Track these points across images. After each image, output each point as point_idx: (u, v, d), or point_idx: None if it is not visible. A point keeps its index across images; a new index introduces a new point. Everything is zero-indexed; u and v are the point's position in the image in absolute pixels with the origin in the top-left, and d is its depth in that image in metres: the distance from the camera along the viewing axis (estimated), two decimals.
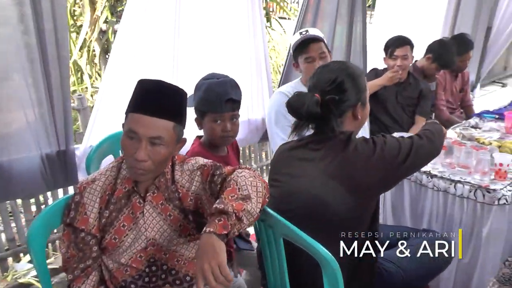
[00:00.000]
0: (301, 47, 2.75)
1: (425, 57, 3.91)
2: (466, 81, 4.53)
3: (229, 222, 1.41)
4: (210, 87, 2.08)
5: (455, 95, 4.42)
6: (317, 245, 1.58)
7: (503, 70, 9.54)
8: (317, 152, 1.81)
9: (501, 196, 2.25)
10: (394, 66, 3.44)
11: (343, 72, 1.82)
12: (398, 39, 3.50)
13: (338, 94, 1.78)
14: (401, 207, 2.59)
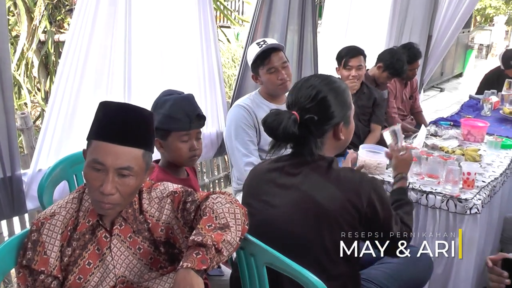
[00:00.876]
0: (262, 58, 2.66)
1: (376, 66, 3.94)
2: (415, 88, 4.62)
3: (208, 256, 1.31)
4: (177, 103, 1.94)
5: (405, 103, 4.49)
6: (305, 272, 1.49)
7: (440, 76, 9.92)
8: (295, 178, 1.67)
9: (473, 205, 2.26)
10: (349, 76, 3.43)
11: (325, 87, 1.68)
12: (351, 49, 3.49)
13: (320, 112, 1.64)
14: None
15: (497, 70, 5.14)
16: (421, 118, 4.62)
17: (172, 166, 2.03)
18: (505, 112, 3.97)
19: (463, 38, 11.20)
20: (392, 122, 4.13)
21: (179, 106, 1.95)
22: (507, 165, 2.81)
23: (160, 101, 1.97)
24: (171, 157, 2.01)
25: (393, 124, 4.02)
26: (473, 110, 4.18)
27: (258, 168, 1.86)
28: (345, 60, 3.44)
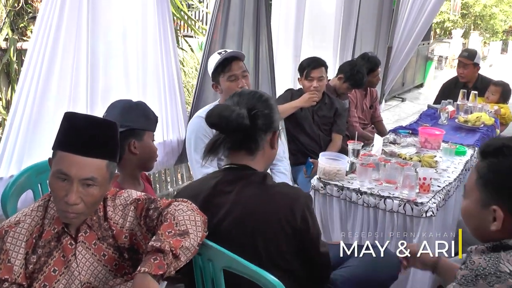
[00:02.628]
0: (222, 67, 2.71)
1: (337, 77, 4.05)
2: (375, 98, 4.75)
3: (165, 261, 1.35)
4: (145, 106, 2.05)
5: (366, 112, 4.61)
6: (264, 273, 1.54)
7: (402, 86, 10.16)
8: (230, 195, 1.71)
9: (428, 208, 2.36)
10: (310, 87, 3.51)
11: (266, 94, 1.82)
12: (313, 61, 3.58)
13: (265, 109, 1.73)
14: (331, 224, 2.61)
15: (453, 80, 5.33)
16: (381, 127, 4.75)
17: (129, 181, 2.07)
18: (460, 120, 4.13)
19: (423, 50, 11.52)
20: (353, 131, 4.24)
21: (148, 109, 2.06)
22: (461, 170, 2.93)
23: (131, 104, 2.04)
24: (144, 159, 2.06)
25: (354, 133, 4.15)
26: (431, 119, 4.32)
27: (190, 188, 1.89)
28: (307, 72, 3.53)
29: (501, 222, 1.31)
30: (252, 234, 1.65)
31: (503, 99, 4.82)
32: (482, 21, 19.89)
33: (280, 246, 1.66)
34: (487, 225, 1.34)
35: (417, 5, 6.24)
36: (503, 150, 1.33)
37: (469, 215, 1.42)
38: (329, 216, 2.60)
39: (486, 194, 1.34)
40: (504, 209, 1.31)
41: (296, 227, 1.64)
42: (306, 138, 3.61)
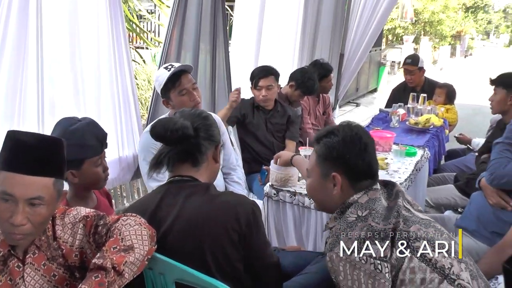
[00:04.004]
0: (172, 81, 2.67)
1: (289, 85, 4.09)
2: (328, 104, 4.82)
3: (106, 279, 1.33)
4: (86, 130, 1.96)
5: (319, 118, 4.67)
6: (216, 282, 1.56)
7: (356, 91, 10.37)
8: (175, 207, 1.72)
9: None
10: (259, 96, 3.55)
11: (204, 112, 1.91)
12: (262, 70, 3.62)
13: (207, 123, 1.82)
14: (285, 230, 2.62)
15: (402, 84, 5.48)
16: None
17: (79, 198, 2.03)
18: (410, 123, 4.24)
19: (375, 56, 11.81)
20: (308, 137, 4.28)
21: (90, 133, 1.97)
22: (411, 171, 2.99)
23: (66, 132, 1.94)
24: (87, 184, 2.02)
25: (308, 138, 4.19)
26: (382, 122, 4.42)
27: (139, 203, 1.89)
28: (256, 81, 3.57)
29: (340, 184, 1.65)
30: (198, 245, 1.65)
31: (449, 100, 4.99)
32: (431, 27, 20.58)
33: (228, 254, 1.66)
34: (330, 193, 1.67)
35: (366, 14, 6.39)
36: (334, 132, 1.68)
37: (314, 189, 1.76)
38: (283, 222, 2.60)
39: (325, 167, 1.67)
40: (340, 173, 1.64)
41: (241, 233, 1.66)
42: (260, 146, 3.63)
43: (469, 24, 30.16)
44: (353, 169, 1.64)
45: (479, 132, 5.32)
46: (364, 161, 1.65)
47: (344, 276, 1.44)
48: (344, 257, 1.44)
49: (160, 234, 1.66)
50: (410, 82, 5.22)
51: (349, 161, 1.64)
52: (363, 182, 1.65)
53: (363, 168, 1.65)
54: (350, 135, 1.66)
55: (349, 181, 1.65)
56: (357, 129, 1.70)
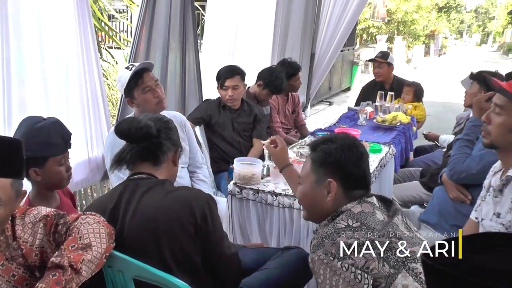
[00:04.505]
0: (135, 80, 2.69)
1: (257, 84, 4.12)
2: (297, 103, 4.86)
3: (64, 277, 1.35)
4: (51, 129, 1.98)
5: (288, 117, 4.72)
6: (172, 278, 1.59)
7: (329, 90, 10.45)
8: (132, 204, 1.75)
9: None
10: (226, 96, 3.58)
11: (165, 117, 1.97)
12: (228, 70, 3.65)
13: (169, 126, 1.89)
14: (249, 227, 2.64)
15: (371, 83, 5.56)
16: (304, 131, 4.86)
17: (42, 197, 2.04)
18: (378, 120, 4.31)
19: (348, 55, 11.92)
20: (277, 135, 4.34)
21: (55, 131, 1.99)
22: (375, 167, 3.04)
23: (32, 129, 1.96)
24: (50, 183, 2.03)
25: None
26: (350, 121, 4.48)
27: (99, 201, 1.91)
28: (222, 81, 3.60)
29: (335, 191, 1.63)
30: (156, 240, 1.68)
31: (417, 98, 5.08)
32: (404, 27, 20.83)
33: (185, 247, 1.69)
34: (323, 200, 1.65)
35: (336, 14, 6.49)
36: (331, 139, 1.70)
37: (306, 196, 1.73)
38: (247, 220, 2.63)
39: (320, 173, 1.66)
40: (336, 179, 1.63)
41: (197, 226, 1.68)
42: (227, 145, 3.66)
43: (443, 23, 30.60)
44: (349, 177, 1.63)
45: (449, 128, 5.42)
46: (359, 169, 1.64)
47: (323, 279, 1.44)
48: (326, 261, 1.43)
49: (118, 232, 1.68)
50: (378, 76, 5.32)
51: (345, 168, 1.63)
52: (357, 191, 1.64)
53: (358, 176, 1.65)
54: (347, 142, 1.67)
55: (343, 189, 1.63)
56: (354, 139, 1.74)
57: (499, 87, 1.93)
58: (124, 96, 2.83)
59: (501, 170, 2.05)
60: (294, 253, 2.17)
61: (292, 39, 6.13)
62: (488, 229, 2.00)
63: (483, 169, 2.37)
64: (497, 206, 1.98)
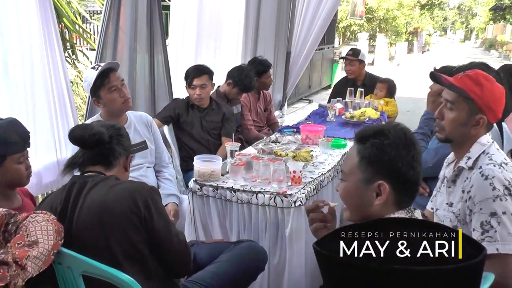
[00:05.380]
0: (101, 80, 2.74)
1: (226, 83, 4.16)
2: (269, 101, 4.91)
3: (8, 273, 1.37)
4: (8, 127, 2.01)
5: (260, 115, 4.76)
6: (118, 273, 1.64)
7: (308, 88, 10.51)
8: (80, 200, 1.80)
9: (296, 199, 2.47)
10: (194, 95, 3.63)
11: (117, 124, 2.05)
12: (196, 69, 3.70)
13: (120, 132, 1.95)
14: (210, 224, 2.68)
15: (344, 79, 5.63)
16: (276, 128, 4.91)
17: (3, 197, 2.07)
18: (346, 116, 4.35)
19: (328, 53, 12.00)
20: (248, 134, 4.38)
21: (12, 130, 2.02)
22: (337, 162, 3.09)
23: None
24: (10, 181, 2.06)
25: (249, 135, 4.29)
26: (319, 117, 4.52)
27: (49, 199, 1.93)
28: (190, 80, 3.65)
29: (386, 195, 1.43)
30: (103, 234, 1.73)
31: (390, 94, 5.15)
32: (386, 24, 20.98)
33: (132, 238, 1.74)
34: (370, 202, 1.46)
35: (311, 12, 6.55)
36: (384, 132, 1.45)
37: (351, 194, 1.52)
38: (207, 216, 2.67)
39: (370, 172, 1.45)
40: (388, 182, 1.43)
41: (140, 216, 1.74)
42: (196, 144, 3.70)
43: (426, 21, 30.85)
44: (403, 181, 1.45)
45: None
46: (414, 172, 1.45)
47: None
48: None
49: (67, 228, 1.72)
50: (350, 73, 5.39)
51: (400, 170, 1.43)
52: (406, 198, 1.48)
53: (412, 181, 1.46)
54: (403, 138, 1.45)
55: (395, 194, 1.45)
56: (409, 133, 1.50)
57: (449, 83, 1.96)
58: (91, 96, 2.86)
59: (454, 161, 2.10)
60: (246, 246, 2.23)
61: (264, 38, 6.16)
62: (441, 218, 2.04)
63: (438, 162, 2.41)
64: (450, 196, 2.02)
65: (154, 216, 1.76)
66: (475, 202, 1.84)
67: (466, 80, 1.92)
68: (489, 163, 1.90)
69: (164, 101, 4.13)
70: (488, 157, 1.93)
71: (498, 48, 32.36)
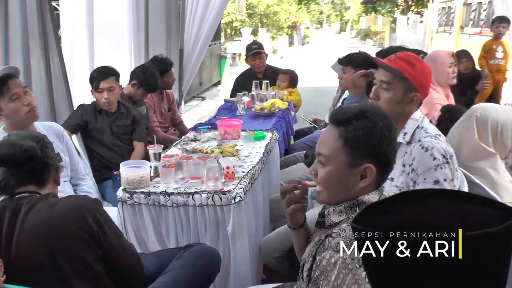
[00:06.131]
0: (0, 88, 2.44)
1: (131, 84, 3.95)
2: (172, 100, 4.77)
3: None
4: None
5: (165, 115, 4.61)
6: None
7: (200, 86, 10.43)
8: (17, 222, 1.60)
9: (236, 194, 2.39)
10: (102, 99, 3.39)
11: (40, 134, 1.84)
12: (101, 71, 3.45)
13: (48, 144, 1.76)
14: (145, 234, 2.50)
15: (245, 73, 5.62)
16: (183, 128, 4.81)
17: None
18: (256, 109, 4.34)
19: (215, 49, 11.99)
20: (156, 135, 4.17)
21: None
22: (262, 153, 3.05)
23: None
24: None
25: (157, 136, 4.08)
26: (228, 112, 4.47)
27: None
28: (96, 83, 3.40)
29: (372, 178, 1.42)
30: (51, 256, 1.55)
31: (292, 84, 5.23)
32: (267, 19, 21.49)
33: (84, 258, 1.58)
34: (354, 185, 1.43)
35: (201, 8, 6.43)
36: (365, 115, 1.42)
37: (334, 178, 1.46)
38: (141, 226, 2.48)
39: (356, 156, 1.42)
40: (374, 164, 1.41)
41: (92, 233, 1.59)
42: (107, 151, 3.46)
43: (303, 15, 32.10)
44: (386, 161, 1.45)
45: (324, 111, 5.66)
46: (394, 151, 1.47)
47: (339, 283, 1.28)
48: (351, 267, 1.27)
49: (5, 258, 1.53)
50: (259, 66, 5.41)
51: (384, 152, 1.42)
52: (385, 177, 1.48)
53: (393, 160, 1.47)
54: (385, 120, 1.43)
55: (379, 175, 1.44)
56: (387, 113, 1.49)
57: (385, 65, 2.04)
58: None
59: None
60: (197, 249, 2.10)
61: (155, 35, 5.96)
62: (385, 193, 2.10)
63: None
64: None
65: (107, 231, 1.61)
66: (418, 173, 1.97)
67: (399, 61, 2.03)
68: (426, 135, 2.03)
69: (64, 108, 3.81)
70: (424, 131, 2.06)
71: (372, 37, 35.02)
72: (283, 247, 2.62)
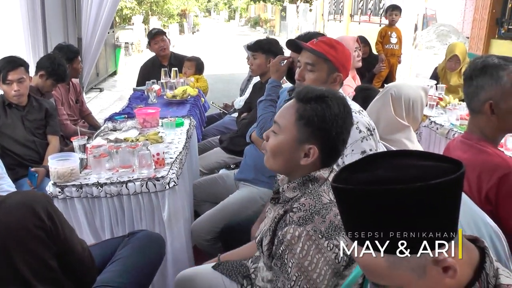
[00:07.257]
0: None
1: (38, 75, 3.75)
2: (79, 91, 4.62)
3: None
4: None
5: (73, 107, 4.45)
6: None
7: (97, 77, 10.06)
8: None
9: (169, 180, 2.42)
10: (11, 92, 3.19)
11: None
12: (9, 62, 3.22)
13: None
14: (78, 228, 2.42)
15: (150, 61, 5.55)
16: (92, 120, 4.68)
17: None
18: (168, 96, 4.34)
19: (109, 39, 11.57)
20: (66, 129, 4.02)
21: None
22: (185, 139, 3.08)
23: None
24: None
25: (67, 131, 3.95)
26: (140, 101, 4.41)
27: None
28: (3, 75, 3.18)
29: (313, 160, 1.51)
30: (6, 258, 1.48)
31: (199, 71, 5.26)
32: (157, 7, 21.10)
33: (39, 254, 1.54)
34: (297, 160, 1.53)
35: None
36: (326, 100, 1.50)
37: (282, 149, 1.55)
38: (74, 220, 2.40)
39: (305, 134, 1.51)
40: (318, 146, 1.51)
41: (46, 229, 1.54)
42: (21, 147, 3.26)
43: (192, 3, 31.84)
44: (332, 147, 1.54)
45: (233, 96, 5.76)
46: (344, 142, 1.56)
47: (304, 255, 1.37)
48: (314, 238, 1.37)
49: None
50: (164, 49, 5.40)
51: (333, 139, 1.51)
52: (330, 160, 1.57)
53: (340, 149, 1.56)
54: (342, 110, 1.51)
55: (321, 157, 1.53)
56: (347, 104, 1.57)
57: (310, 48, 2.15)
58: None
59: None
60: (142, 236, 2.11)
61: (51, 23, 5.67)
62: None
63: None
64: None
65: (59, 225, 1.57)
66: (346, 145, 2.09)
67: (322, 44, 2.17)
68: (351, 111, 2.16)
69: None
70: None
71: (262, 25, 35.40)
72: (215, 229, 2.70)
